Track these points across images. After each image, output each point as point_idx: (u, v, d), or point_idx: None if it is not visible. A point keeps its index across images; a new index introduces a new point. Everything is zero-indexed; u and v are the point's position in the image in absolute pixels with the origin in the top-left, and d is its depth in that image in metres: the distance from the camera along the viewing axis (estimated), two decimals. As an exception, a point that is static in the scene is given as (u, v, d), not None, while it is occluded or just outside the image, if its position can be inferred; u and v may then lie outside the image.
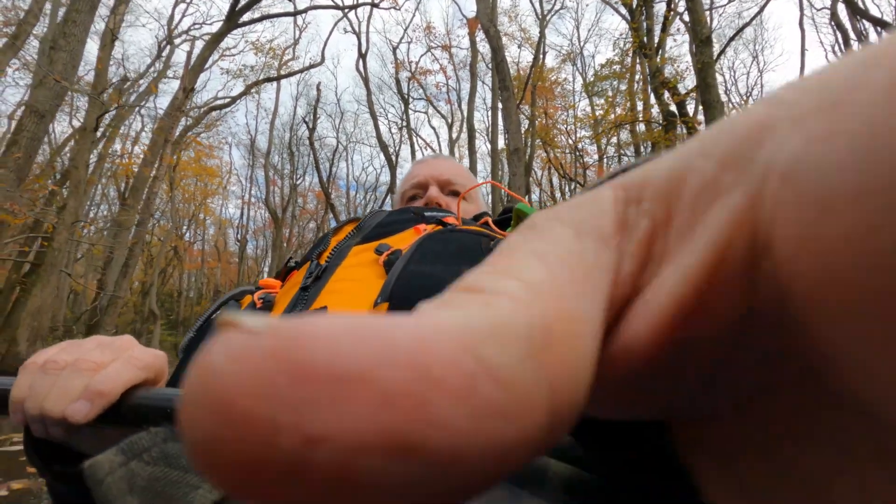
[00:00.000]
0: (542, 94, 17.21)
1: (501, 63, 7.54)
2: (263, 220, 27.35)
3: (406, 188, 0.96)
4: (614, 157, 18.78)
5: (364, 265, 0.58)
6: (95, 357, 0.41)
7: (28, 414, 0.40)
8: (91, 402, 0.38)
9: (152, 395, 0.40)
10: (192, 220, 24.34)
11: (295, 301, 0.56)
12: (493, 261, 0.10)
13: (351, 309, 0.48)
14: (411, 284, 0.47)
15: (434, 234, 0.60)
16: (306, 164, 24.21)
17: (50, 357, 0.42)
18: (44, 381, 0.40)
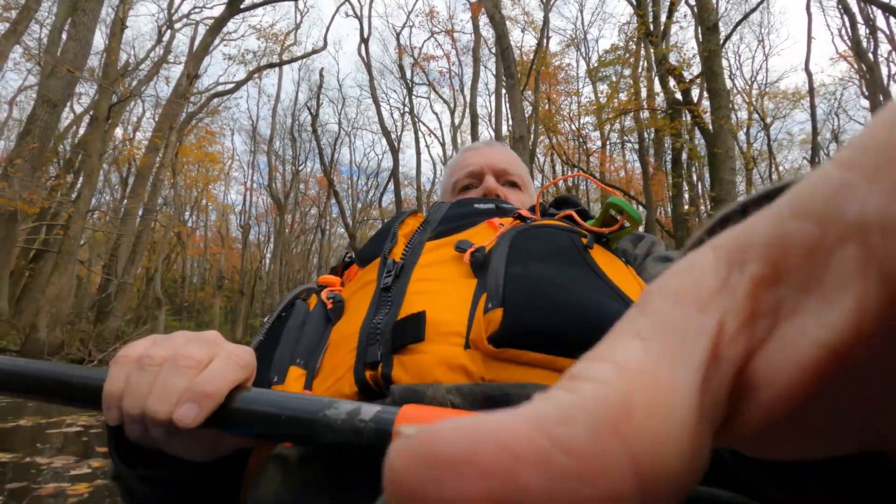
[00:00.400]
0: (545, 79, 17.09)
1: (507, 50, 7.52)
2: (265, 206, 27.42)
3: (459, 177, 0.90)
4: (617, 144, 18.74)
5: (445, 263, 0.56)
6: (194, 353, 0.38)
7: (127, 413, 0.37)
8: (199, 404, 0.36)
9: (261, 398, 0.38)
10: (194, 207, 24.42)
11: (377, 303, 0.53)
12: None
13: (449, 314, 0.47)
14: (524, 288, 0.45)
15: (524, 230, 0.57)
16: (308, 150, 24.18)
17: (145, 352, 0.39)
18: (142, 379, 0.37)
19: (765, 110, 21.43)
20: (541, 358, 0.41)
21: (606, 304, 0.44)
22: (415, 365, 0.44)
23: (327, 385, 0.48)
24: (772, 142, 20.92)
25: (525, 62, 15.92)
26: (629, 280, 0.54)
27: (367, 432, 0.34)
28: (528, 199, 0.88)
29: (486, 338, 0.42)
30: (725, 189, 5.47)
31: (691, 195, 14.28)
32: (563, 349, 0.41)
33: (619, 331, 0.12)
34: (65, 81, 4.55)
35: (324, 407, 0.35)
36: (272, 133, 22.04)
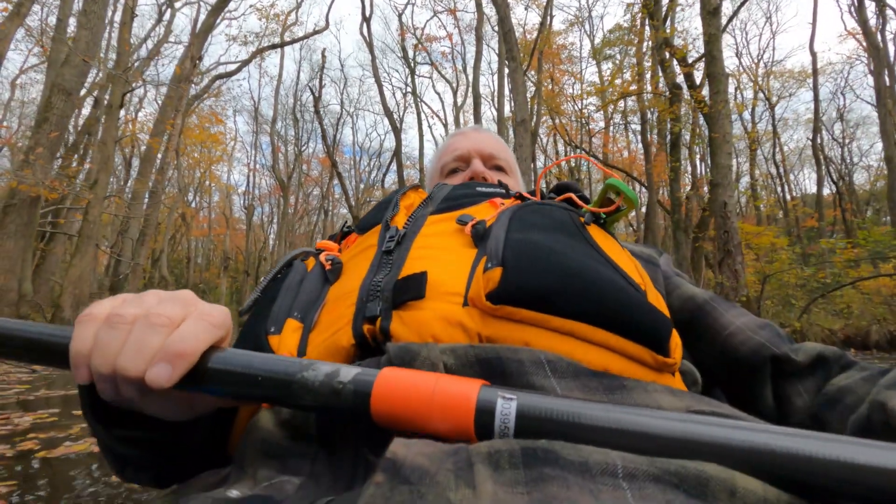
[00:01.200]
0: (548, 58, 16.94)
1: (509, 33, 7.53)
2: (269, 187, 27.51)
3: (447, 160, 0.91)
4: (620, 125, 18.66)
5: (446, 234, 0.57)
6: (167, 311, 0.37)
7: (97, 371, 0.36)
8: (172, 364, 0.35)
9: (236, 359, 0.37)
10: (197, 188, 24.54)
11: (378, 264, 0.54)
12: None
13: (449, 276, 0.48)
14: (524, 250, 0.46)
15: (527, 205, 0.58)
16: (310, 130, 24.14)
17: (114, 311, 0.37)
18: (112, 337, 0.36)
19: (770, 89, 21.20)
20: (536, 317, 0.42)
21: (602, 271, 0.45)
22: (414, 320, 0.44)
23: (324, 337, 0.48)
24: (777, 121, 20.77)
25: (528, 41, 15.77)
26: (625, 258, 0.55)
27: (345, 394, 0.34)
28: (514, 184, 0.90)
29: (485, 295, 0.43)
30: (721, 173, 5.59)
31: (693, 177, 14.31)
32: (558, 309, 0.42)
33: None
34: (78, 70, 4.67)
35: (301, 368, 0.35)
36: (275, 114, 22.00)
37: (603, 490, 0.25)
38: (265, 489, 0.35)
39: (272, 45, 15.49)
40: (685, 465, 0.26)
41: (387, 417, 0.33)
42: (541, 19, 13.90)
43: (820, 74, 18.36)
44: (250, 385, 0.36)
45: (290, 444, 0.39)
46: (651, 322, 0.43)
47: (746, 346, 0.60)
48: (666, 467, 0.26)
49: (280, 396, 0.35)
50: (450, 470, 0.26)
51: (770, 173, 22.08)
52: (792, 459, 0.26)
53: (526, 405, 0.31)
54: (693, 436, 0.28)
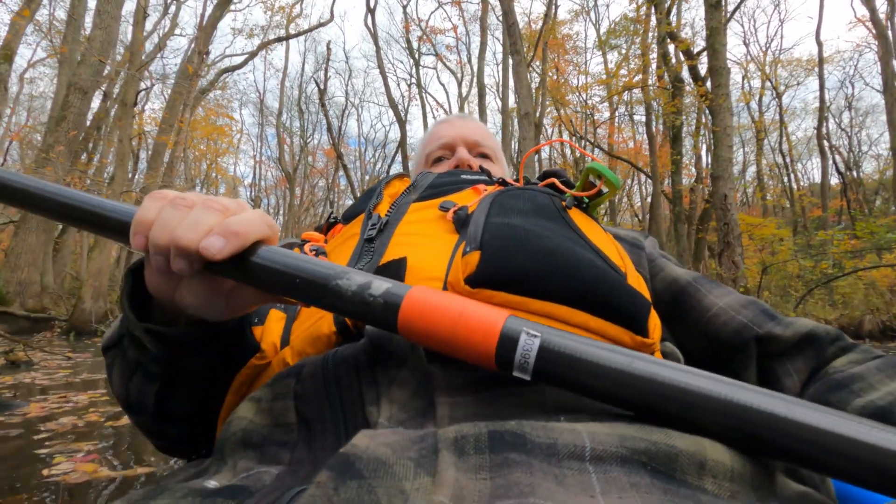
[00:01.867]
0: (553, 48, 16.89)
1: (513, 26, 7.58)
2: (274, 179, 27.70)
3: (432, 149, 0.90)
4: (625, 115, 18.60)
5: (429, 221, 0.57)
6: (225, 203, 0.40)
7: (154, 242, 0.37)
8: (226, 238, 0.36)
9: (280, 256, 0.38)
10: (204, 180, 24.74)
11: (360, 252, 0.55)
12: None
13: (429, 261, 0.49)
14: (502, 234, 0.46)
15: (508, 191, 0.57)
16: (315, 122, 24.23)
17: (179, 195, 0.40)
18: (174, 213, 0.38)
19: (778, 78, 20.99)
20: (515, 299, 0.42)
21: (580, 253, 0.45)
22: None
23: (306, 326, 0.49)
24: (784, 111, 20.57)
25: (533, 31, 15.72)
26: (606, 241, 0.55)
27: (375, 306, 0.35)
28: (499, 171, 0.90)
29: (463, 279, 0.42)
30: (722, 166, 5.66)
31: (698, 169, 14.29)
32: (536, 291, 0.42)
33: None
34: (94, 69, 4.81)
35: (336, 276, 0.36)
36: (280, 107, 22.09)
37: (568, 475, 0.26)
38: (242, 480, 0.35)
39: (278, 38, 15.56)
40: (656, 443, 0.27)
41: (413, 333, 0.34)
42: (545, 9, 13.86)
43: (829, 63, 18.15)
44: (290, 283, 0.37)
45: (271, 431, 0.39)
46: (629, 303, 0.43)
47: (728, 328, 0.59)
48: (635, 446, 0.27)
49: (315, 298, 0.37)
50: (411, 458, 0.27)
51: (776, 163, 21.95)
52: (768, 419, 0.28)
53: (549, 342, 0.32)
54: (700, 389, 0.29)
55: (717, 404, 0.28)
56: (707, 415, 0.28)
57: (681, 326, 0.63)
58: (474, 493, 0.25)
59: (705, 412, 0.28)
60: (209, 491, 0.32)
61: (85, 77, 4.69)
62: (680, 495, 0.25)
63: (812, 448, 0.27)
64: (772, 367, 0.56)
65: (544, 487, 0.24)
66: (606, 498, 0.24)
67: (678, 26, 8.64)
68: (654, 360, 0.31)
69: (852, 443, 0.26)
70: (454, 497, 0.24)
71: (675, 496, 0.25)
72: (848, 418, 0.27)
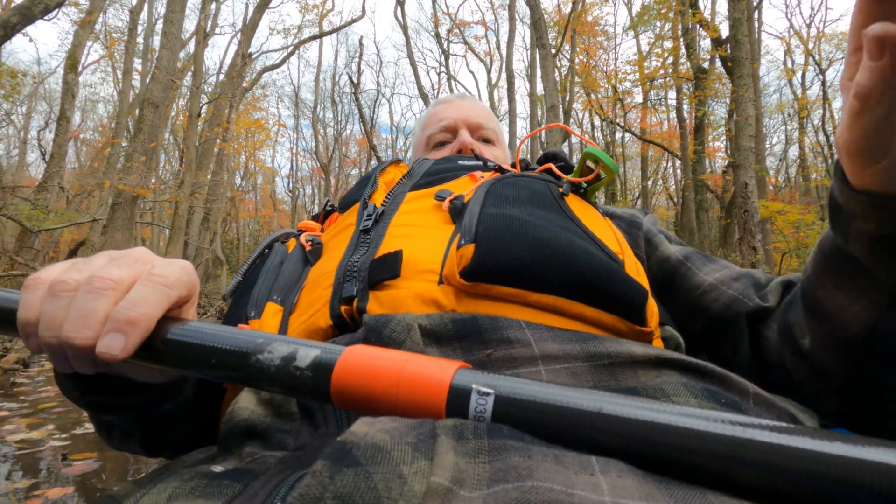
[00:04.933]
0: (581, 32, 16.81)
1: (539, 21, 7.83)
2: (310, 170, 28.67)
3: (433, 131, 0.86)
4: (656, 100, 18.32)
5: (425, 211, 0.55)
6: (113, 274, 0.33)
7: (45, 343, 0.33)
8: (125, 333, 0.31)
9: (191, 332, 0.33)
10: (245, 172, 25.90)
11: (355, 243, 0.52)
12: None
13: (425, 253, 0.47)
14: (497, 225, 0.44)
15: (503, 179, 0.56)
16: (348, 112, 24.91)
17: (57, 277, 0.33)
18: (56, 306, 0.32)
19: (821, 53, 20.13)
20: (511, 292, 0.41)
21: (576, 242, 0.44)
22: (389, 299, 0.43)
23: (303, 320, 0.47)
24: (828, 87, 19.75)
25: (563, 15, 15.68)
26: (604, 227, 0.54)
27: (303, 381, 0.30)
28: (501, 155, 0.87)
29: (458, 272, 0.41)
30: (743, 155, 5.83)
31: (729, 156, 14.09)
32: (533, 283, 0.41)
33: None
34: (163, 85, 5.48)
35: (256, 349, 0.31)
36: (315, 101, 22.86)
37: (568, 454, 0.26)
38: (248, 464, 0.34)
39: (312, 36, 16.16)
40: None
41: (351, 402, 0.30)
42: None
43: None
44: (205, 364, 0.32)
45: (274, 421, 0.38)
46: (625, 292, 0.42)
47: (718, 303, 0.58)
48: None
49: (236, 377, 0.32)
50: (409, 443, 0.26)
51: (819, 142, 21.15)
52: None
53: (505, 398, 0.27)
54: (676, 425, 0.25)
55: (715, 444, 0.24)
56: (704, 459, 0.24)
57: (675, 305, 0.62)
58: (473, 476, 0.24)
59: (696, 454, 0.24)
60: (215, 474, 0.32)
61: (156, 93, 5.36)
62: (675, 481, 0.25)
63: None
64: (760, 335, 0.53)
65: (543, 469, 0.24)
66: (606, 476, 0.24)
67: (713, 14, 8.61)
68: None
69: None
70: (454, 479, 0.24)
71: (670, 482, 0.24)
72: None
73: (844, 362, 0.42)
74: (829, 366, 0.44)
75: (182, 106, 18.38)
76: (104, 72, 20.16)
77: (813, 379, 0.46)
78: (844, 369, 0.43)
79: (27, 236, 5.79)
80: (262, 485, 0.29)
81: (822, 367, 0.44)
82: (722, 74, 8.94)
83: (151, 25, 13.52)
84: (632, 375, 0.37)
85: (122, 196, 5.28)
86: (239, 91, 10.14)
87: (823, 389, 0.46)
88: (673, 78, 12.51)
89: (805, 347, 0.46)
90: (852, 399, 0.44)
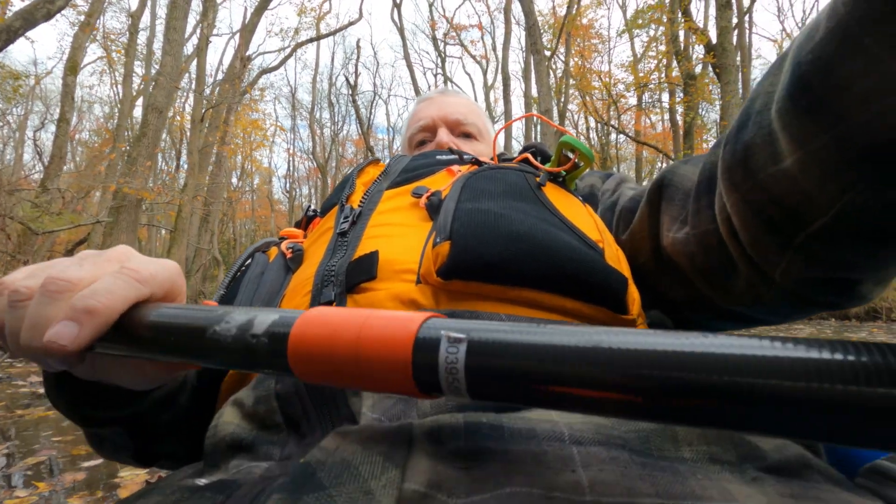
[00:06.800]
0: (576, 34, 16.99)
1: (533, 27, 8.00)
2: (307, 170, 28.77)
3: (413, 132, 0.86)
4: (650, 101, 18.54)
5: (402, 209, 0.55)
6: (71, 275, 0.31)
7: (13, 349, 0.32)
8: (78, 322, 0.28)
9: (158, 317, 0.29)
10: (242, 172, 25.96)
11: (333, 247, 0.51)
12: None
13: (402, 253, 0.46)
14: (472, 221, 0.43)
15: (478, 172, 0.55)
16: (345, 113, 25.06)
17: (15, 285, 0.32)
18: (14, 315, 0.31)
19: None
20: (491, 288, 0.41)
21: (554, 233, 0.44)
22: (367, 302, 0.43)
23: None
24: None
25: (558, 18, 15.86)
26: (583, 215, 0.53)
27: (259, 349, 0.26)
28: (485, 149, 0.85)
29: (435, 271, 0.41)
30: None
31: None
32: (511, 278, 0.40)
33: None
34: (166, 91, 5.61)
35: (214, 321, 0.28)
36: (313, 103, 22.99)
37: (549, 451, 0.25)
38: (233, 475, 0.33)
39: (310, 38, 16.28)
40: (628, 431, 0.27)
41: (310, 375, 0.25)
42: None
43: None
44: (168, 345, 0.29)
45: (260, 433, 0.37)
46: (604, 281, 0.42)
47: (625, 196, 0.60)
48: (611, 433, 0.27)
49: (196, 355, 0.28)
50: (381, 453, 0.25)
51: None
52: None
53: (481, 343, 0.21)
54: (650, 347, 0.18)
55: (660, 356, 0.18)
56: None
57: (625, 245, 0.57)
58: (451, 481, 0.23)
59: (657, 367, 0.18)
60: (198, 487, 0.31)
61: (160, 99, 5.49)
62: (658, 468, 0.24)
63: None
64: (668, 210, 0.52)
65: (523, 471, 0.23)
66: (587, 471, 0.24)
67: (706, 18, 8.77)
68: (628, 331, 0.20)
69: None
70: (430, 484, 0.23)
71: (653, 469, 0.24)
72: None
73: (854, 182, 0.31)
74: (821, 192, 0.33)
75: (178, 107, 18.49)
76: (103, 72, 20.19)
77: (780, 222, 0.37)
78: (843, 193, 0.32)
79: (28, 236, 5.92)
80: (244, 493, 0.28)
81: (805, 196, 0.34)
82: (714, 79, 9.12)
83: (153, 29, 13.61)
84: None
85: (126, 199, 5.43)
86: (238, 94, 10.25)
87: (783, 241, 0.38)
88: (666, 82, 12.69)
89: (780, 168, 0.35)
90: (824, 254, 0.36)
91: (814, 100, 0.30)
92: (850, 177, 0.31)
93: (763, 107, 0.37)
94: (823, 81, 0.30)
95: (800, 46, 0.32)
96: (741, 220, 0.40)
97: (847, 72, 0.28)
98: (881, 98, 0.27)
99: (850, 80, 0.28)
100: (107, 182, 6.11)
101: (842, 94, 0.29)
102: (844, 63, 0.28)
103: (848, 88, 0.28)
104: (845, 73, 0.28)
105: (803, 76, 0.31)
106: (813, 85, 0.30)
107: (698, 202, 0.47)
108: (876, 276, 0.38)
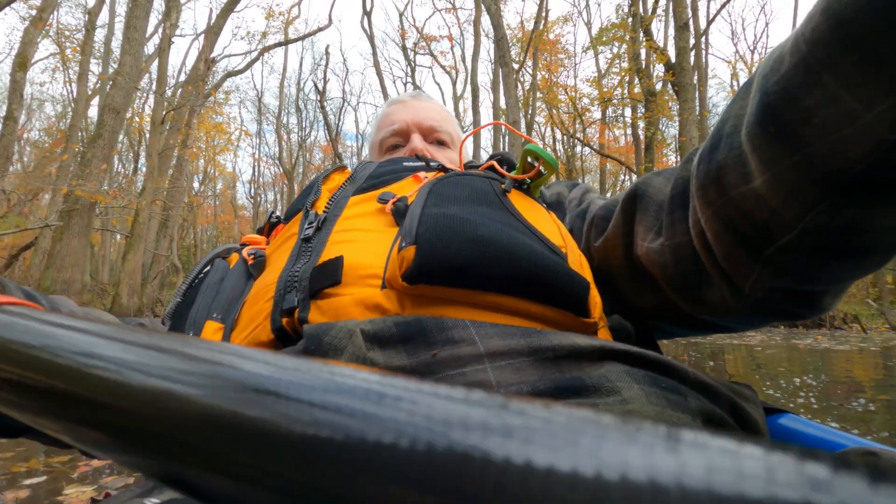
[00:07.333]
0: (543, 49, 17.43)
1: (501, 40, 8.16)
2: (272, 176, 28.21)
3: (385, 135, 0.84)
4: (614, 116, 19.18)
5: (368, 215, 0.54)
6: None
7: None
8: None
9: None
10: (204, 176, 25.20)
11: (297, 253, 0.51)
12: None
13: (367, 258, 0.46)
14: (438, 225, 0.44)
15: (445, 178, 0.55)
16: (313, 119, 24.76)
17: None
18: None
19: (763, 78, 21.49)
20: (456, 293, 0.41)
21: (519, 238, 0.44)
22: (331, 307, 0.43)
23: (245, 335, 0.46)
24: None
25: (526, 32, 16.24)
26: (547, 221, 0.54)
27: None
28: (456, 156, 0.85)
29: (400, 275, 0.41)
30: (688, 174, 6.29)
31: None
32: (476, 282, 0.41)
33: None
34: (125, 91, 5.38)
35: None
36: (280, 108, 22.62)
37: (468, 373, 0.31)
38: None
39: (277, 43, 16.05)
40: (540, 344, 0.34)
41: None
42: (537, 12, 14.40)
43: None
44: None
45: None
46: (567, 285, 0.42)
47: (595, 205, 0.61)
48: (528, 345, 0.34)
49: None
50: None
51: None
52: None
53: None
54: None
55: None
56: None
57: (598, 252, 0.59)
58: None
59: None
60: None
61: (118, 99, 5.27)
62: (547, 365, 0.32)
63: None
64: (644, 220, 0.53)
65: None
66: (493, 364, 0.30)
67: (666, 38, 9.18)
68: None
69: None
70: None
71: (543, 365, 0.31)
72: None
73: (815, 202, 0.35)
74: (788, 210, 0.36)
75: (137, 108, 17.81)
76: (56, 69, 19.27)
77: (751, 237, 0.40)
78: (807, 212, 0.35)
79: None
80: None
81: (773, 213, 0.37)
82: (673, 96, 9.53)
83: (112, 27, 13.10)
84: (576, 366, 0.37)
85: (79, 202, 5.18)
86: (202, 96, 9.98)
87: (754, 255, 0.41)
88: (629, 98, 13.17)
89: (750, 188, 0.38)
90: (790, 268, 0.40)
91: (780, 127, 0.34)
92: (812, 197, 0.34)
93: (733, 129, 0.40)
94: (788, 111, 0.33)
95: (765, 77, 0.35)
96: (714, 234, 0.43)
97: (809, 104, 0.32)
98: (837, 131, 0.31)
99: (812, 112, 0.32)
100: (58, 184, 5.82)
101: (804, 124, 0.32)
102: (807, 96, 0.32)
103: (809, 120, 0.32)
104: (807, 105, 0.32)
105: (770, 105, 0.34)
106: (779, 114, 0.34)
107: (672, 214, 0.49)
108: (835, 289, 0.41)
